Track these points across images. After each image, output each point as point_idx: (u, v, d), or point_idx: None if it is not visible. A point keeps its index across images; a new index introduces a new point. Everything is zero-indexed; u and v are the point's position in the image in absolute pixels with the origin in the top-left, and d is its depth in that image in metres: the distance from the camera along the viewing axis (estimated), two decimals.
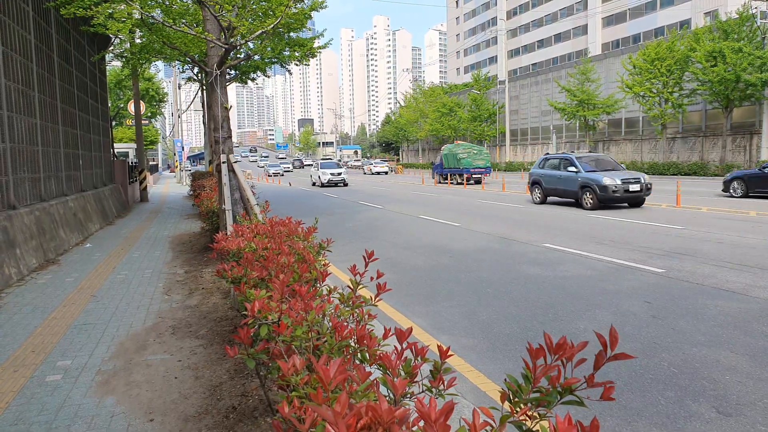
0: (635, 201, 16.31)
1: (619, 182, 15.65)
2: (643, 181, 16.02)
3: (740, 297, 6.28)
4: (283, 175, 63.54)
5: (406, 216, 16.16)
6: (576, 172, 16.86)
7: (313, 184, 37.56)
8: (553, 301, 6.39)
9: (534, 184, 19.02)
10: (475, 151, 34.78)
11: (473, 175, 33.60)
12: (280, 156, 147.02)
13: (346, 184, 34.89)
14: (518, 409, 1.39)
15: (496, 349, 4.92)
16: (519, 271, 8.10)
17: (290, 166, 79.86)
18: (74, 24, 13.57)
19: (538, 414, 1.38)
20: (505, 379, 1.48)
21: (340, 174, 35.04)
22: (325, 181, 34.54)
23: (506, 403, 1.45)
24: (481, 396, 3.96)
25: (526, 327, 5.48)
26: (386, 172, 58.63)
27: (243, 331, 2.17)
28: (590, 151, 46.37)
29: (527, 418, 1.38)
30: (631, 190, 15.75)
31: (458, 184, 33.57)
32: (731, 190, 18.94)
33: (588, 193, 16.23)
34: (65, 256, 9.71)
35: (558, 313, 5.89)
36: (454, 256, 9.51)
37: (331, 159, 65.55)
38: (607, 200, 15.82)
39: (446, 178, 35.57)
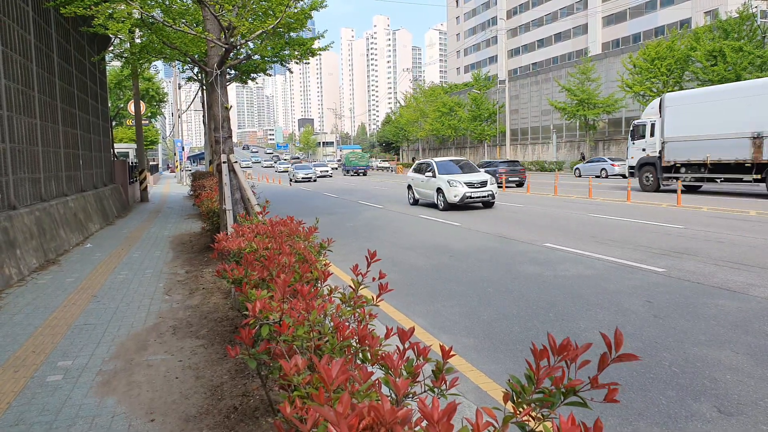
0: None
1: None
2: None
3: (741, 296, 6.27)
4: (315, 181, 44.19)
5: (406, 215, 16.15)
6: None
7: (414, 202, 19.73)
8: (554, 300, 6.39)
9: None
10: (359, 156, 58.02)
11: (358, 171, 55.27)
12: (267, 152, 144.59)
13: (492, 203, 17.72)
14: (521, 410, 1.38)
15: (497, 348, 4.92)
16: (519, 270, 8.10)
17: (327, 168, 52.80)
18: (74, 24, 13.56)
19: (542, 415, 1.37)
20: (509, 380, 1.48)
21: (484, 184, 17.26)
22: (457, 198, 16.87)
23: (509, 404, 1.45)
24: (483, 396, 3.95)
25: (527, 326, 5.48)
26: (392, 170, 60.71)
27: (244, 331, 2.17)
28: (591, 151, 46.48)
29: (530, 419, 1.38)
30: None
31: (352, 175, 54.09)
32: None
33: None
34: (65, 256, 9.71)
35: (559, 313, 5.89)
36: (454, 255, 9.51)
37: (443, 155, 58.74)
38: None
39: (348, 173, 55.76)
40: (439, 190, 17.54)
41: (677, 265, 8.03)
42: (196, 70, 23.35)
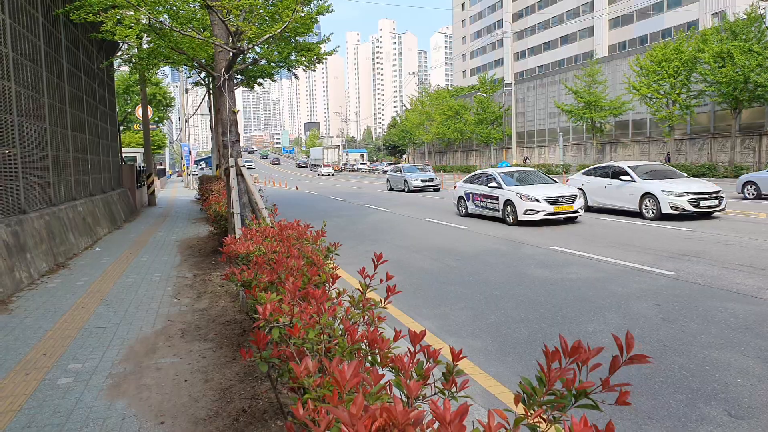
0: None
1: None
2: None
3: (750, 299, 6.23)
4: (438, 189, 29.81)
5: (412, 219, 16.15)
6: None
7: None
8: (561, 303, 6.37)
9: None
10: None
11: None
12: (251, 150, 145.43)
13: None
14: (532, 412, 1.39)
15: (505, 351, 4.91)
16: (526, 273, 8.08)
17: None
18: (83, 30, 13.68)
19: (553, 417, 1.37)
20: (520, 382, 1.48)
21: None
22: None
23: (519, 405, 1.45)
24: (491, 398, 3.95)
25: (535, 329, 5.46)
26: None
27: (258, 333, 2.18)
28: (598, 154, 46.34)
29: (541, 421, 1.38)
30: None
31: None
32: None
33: None
34: (75, 260, 9.78)
35: (566, 316, 5.87)
36: (460, 258, 9.50)
37: None
38: None
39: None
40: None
41: (685, 267, 7.98)
42: (203, 74, 23.48)
